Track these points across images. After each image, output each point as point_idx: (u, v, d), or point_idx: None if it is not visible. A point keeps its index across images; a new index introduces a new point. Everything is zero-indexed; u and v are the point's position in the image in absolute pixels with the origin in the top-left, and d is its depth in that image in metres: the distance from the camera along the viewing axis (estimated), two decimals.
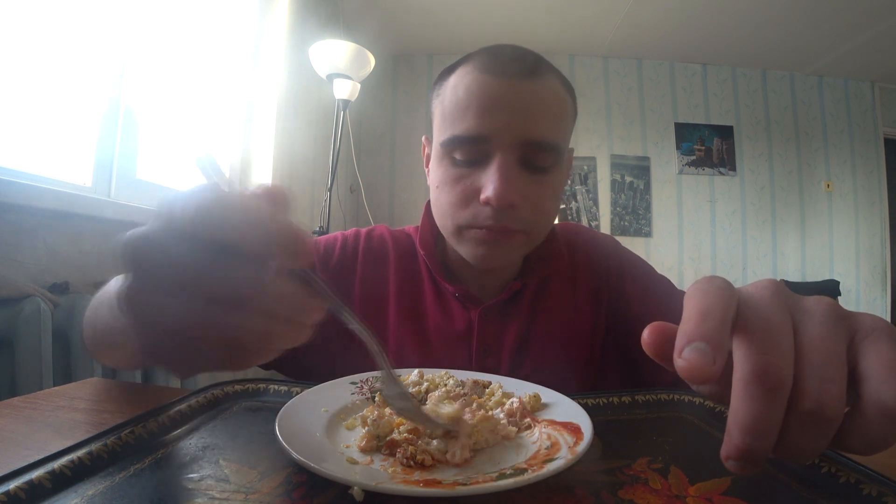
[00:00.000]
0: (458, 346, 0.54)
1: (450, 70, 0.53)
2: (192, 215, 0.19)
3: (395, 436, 0.29)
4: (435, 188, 0.53)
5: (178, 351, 0.21)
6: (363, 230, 0.63)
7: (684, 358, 0.19)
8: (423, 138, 0.60)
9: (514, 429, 0.32)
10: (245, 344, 0.20)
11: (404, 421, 0.30)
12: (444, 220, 0.53)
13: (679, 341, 0.20)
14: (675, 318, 0.24)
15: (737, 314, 0.21)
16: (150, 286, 0.20)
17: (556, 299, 0.57)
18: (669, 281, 0.60)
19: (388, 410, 0.33)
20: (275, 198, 0.22)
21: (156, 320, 0.20)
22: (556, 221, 0.63)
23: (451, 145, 0.49)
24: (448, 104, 0.50)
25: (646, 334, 0.22)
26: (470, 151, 0.49)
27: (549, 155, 0.49)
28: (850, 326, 0.21)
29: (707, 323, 0.20)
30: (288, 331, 0.21)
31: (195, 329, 0.20)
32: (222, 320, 0.20)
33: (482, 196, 0.47)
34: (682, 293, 0.58)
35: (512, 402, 0.34)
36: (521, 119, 0.47)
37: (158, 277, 0.20)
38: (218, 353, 0.21)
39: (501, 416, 0.34)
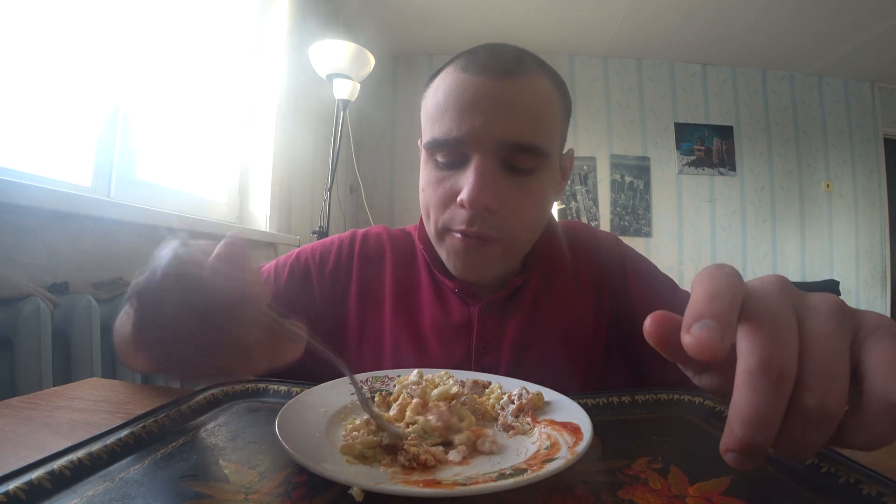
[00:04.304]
0: (457, 341, 0.54)
1: (437, 72, 0.53)
2: (175, 268, 0.26)
3: None
4: (421, 190, 0.53)
5: (176, 372, 0.30)
6: (360, 231, 0.64)
7: (692, 334, 0.19)
8: (419, 141, 0.60)
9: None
10: (228, 369, 0.27)
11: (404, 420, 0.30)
12: (427, 222, 0.53)
13: (687, 319, 0.20)
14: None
15: (743, 306, 0.21)
16: (149, 327, 0.27)
17: (558, 297, 0.57)
18: (672, 280, 0.60)
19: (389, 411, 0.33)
20: (233, 250, 0.28)
21: (157, 352, 0.27)
22: (557, 220, 0.62)
23: (432, 148, 0.50)
24: (430, 106, 0.51)
25: (648, 323, 0.22)
26: (449, 153, 0.48)
27: (531, 157, 0.48)
28: (854, 324, 0.21)
29: (716, 303, 0.20)
30: (264, 356, 0.28)
31: (187, 362, 0.26)
32: (204, 356, 0.26)
33: (458, 198, 0.47)
34: (686, 293, 0.58)
35: (520, 395, 0.34)
36: (498, 119, 0.46)
37: (153, 322, 0.26)
38: (208, 373, 0.29)
39: (506, 412, 0.34)
